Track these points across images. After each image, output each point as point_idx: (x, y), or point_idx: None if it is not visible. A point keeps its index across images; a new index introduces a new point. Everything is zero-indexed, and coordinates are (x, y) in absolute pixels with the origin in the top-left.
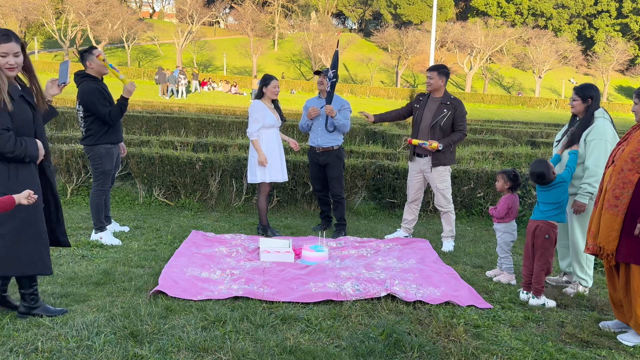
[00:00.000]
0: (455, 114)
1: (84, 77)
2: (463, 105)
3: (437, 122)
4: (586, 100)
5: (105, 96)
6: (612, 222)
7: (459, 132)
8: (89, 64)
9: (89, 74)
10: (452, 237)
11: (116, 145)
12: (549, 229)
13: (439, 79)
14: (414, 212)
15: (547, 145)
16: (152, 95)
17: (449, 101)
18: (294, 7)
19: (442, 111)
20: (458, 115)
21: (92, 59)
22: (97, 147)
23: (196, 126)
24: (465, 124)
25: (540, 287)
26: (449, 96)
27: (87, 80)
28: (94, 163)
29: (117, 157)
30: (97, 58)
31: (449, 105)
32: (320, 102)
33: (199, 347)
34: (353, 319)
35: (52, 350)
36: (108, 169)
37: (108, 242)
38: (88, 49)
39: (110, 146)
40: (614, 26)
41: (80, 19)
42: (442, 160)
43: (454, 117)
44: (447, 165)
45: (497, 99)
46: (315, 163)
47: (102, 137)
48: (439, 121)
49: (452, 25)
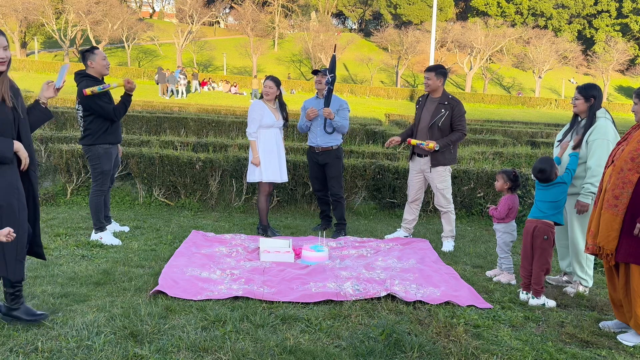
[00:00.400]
0: (453, 114)
1: (84, 77)
2: (461, 104)
3: (435, 122)
4: (589, 99)
5: (106, 94)
6: (611, 221)
7: (457, 132)
8: (90, 63)
9: (89, 74)
10: (452, 237)
11: (115, 146)
12: (547, 230)
13: (437, 79)
14: (414, 212)
15: (547, 145)
16: (152, 95)
17: (447, 101)
18: (294, 7)
19: (440, 111)
20: (456, 115)
21: (94, 59)
22: (96, 147)
23: (196, 126)
24: (464, 123)
25: (540, 288)
26: (447, 96)
27: (87, 79)
28: (92, 163)
29: (116, 157)
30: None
31: (446, 105)
32: (318, 103)
33: (199, 347)
34: (353, 319)
35: (52, 350)
36: (107, 169)
37: (108, 242)
38: (90, 48)
39: (109, 146)
40: (614, 26)
41: (80, 19)
42: (442, 160)
43: (452, 117)
44: (447, 165)
45: (497, 99)
46: (315, 163)
47: (101, 137)
48: (437, 121)
49: (452, 25)
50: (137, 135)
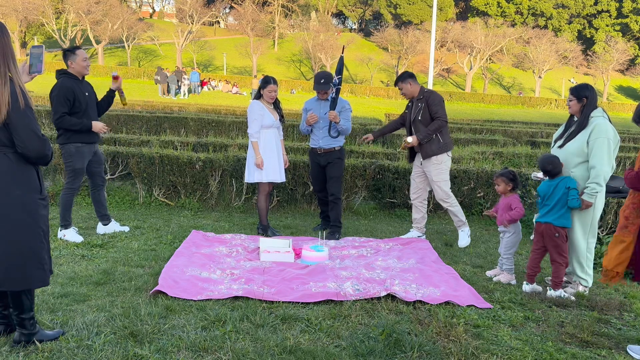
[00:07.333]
0: (427, 104)
1: (63, 74)
2: (435, 94)
3: (415, 118)
4: (581, 99)
5: (76, 97)
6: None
7: (436, 121)
8: (71, 63)
9: (69, 72)
10: (464, 225)
11: (90, 145)
12: (556, 229)
13: (406, 84)
14: (420, 211)
15: (547, 145)
16: (152, 95)
17: (422, 95)
18: (294, 7)
19: (418, 106)
20: (430, 105)
21: (74, 59)
22: (68, 145)
23: (196, 126)
24: (441, 111)
25: (559, 281)
26: (422, 91)
27: (65, 77)
28: (65, 161)
29: (95, 154)
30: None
31: (421, 99)
32: (319, 104)
33: (199, 347)
34: (353, 319)
35: (52, 350)
36: (78, 167)
37: (71, 240)
38: (71, 48)
39: (82, 145)
40: (614, 26)
41: (80, 19)
42: (429, 151)
43: (427, 108)
44: (437, 154)
45: (497, 99)
46: (316, 164)
47: (74, 136)
48: (417, 116)
49: (452, 25)
50: (137, 135)
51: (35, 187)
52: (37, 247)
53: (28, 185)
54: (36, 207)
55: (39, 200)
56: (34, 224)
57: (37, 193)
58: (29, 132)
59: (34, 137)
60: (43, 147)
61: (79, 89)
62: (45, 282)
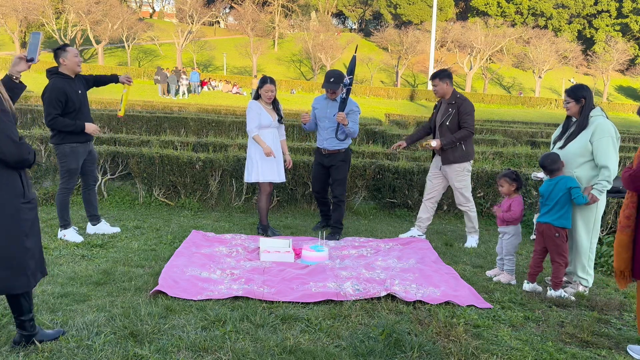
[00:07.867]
0: (458, 112)
1: (55, 74)
2: (468, 102)
3: (443, 122)
4: (579, 100)
5: (68, 97)
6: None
7: (463, 130)
8: (62, 61)
9: (61, 72)
10: (475, 232)
11: (85, 144)
12: (556, 229)
13: (443, 83)
14: (429, 211)
15: (547, 145)
16: (152, 95)
17: (455, 100)
18: (294, 7)
19: (448, 111)
20: (462, 113)
21: (66, 56)
22: (63, 145)
23: (196, 126)
24: (470, 121)
25: (559, 281)
26: (455, 95)
27: (56, 77)
28: (59, 161)
29: (89, 153)
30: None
31: (453, 104)
32: (326, 103)
33: (199, 347)
34: (353, 319)
35: (52, 350)
36: (73, 167)
37: (71, 240)
38: (62, 46)
39: (76, 145)
40: (614, 26)
41: (80, 19)
42: (451, 158)
43: (458, 115)
44: (459, 162)
45: (497, 99)
46: (320, 164)
47: (68, 136)
48: (444, 121)
49: (452, 25)
50: (137, 135)
51: (18, 192)
52: (18, 252)
53: (11, 190)
54: (17, 212)
55: (22, 204)
56: (14, 229)
57: (19, 197)
58: (3, 137)
59: (9, 142)
60: (19, 152)
61: (71, 89)
62: (25, 288)
